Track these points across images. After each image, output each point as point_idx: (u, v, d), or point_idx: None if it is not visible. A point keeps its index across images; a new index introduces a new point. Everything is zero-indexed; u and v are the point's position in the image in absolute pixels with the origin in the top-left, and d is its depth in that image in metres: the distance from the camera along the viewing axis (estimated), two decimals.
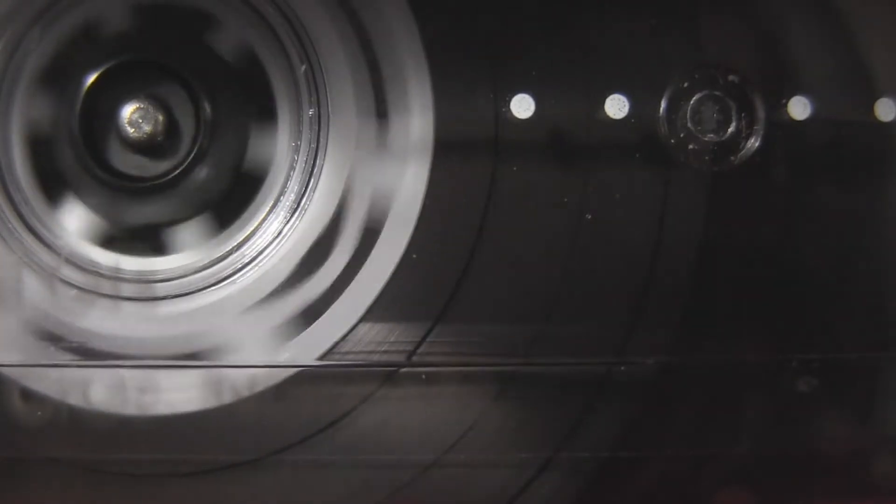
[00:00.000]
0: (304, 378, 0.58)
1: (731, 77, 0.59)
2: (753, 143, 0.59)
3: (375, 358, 0.59)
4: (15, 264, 0.59)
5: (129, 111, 0.60)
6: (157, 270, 0.60)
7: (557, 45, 0.59)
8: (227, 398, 0.58)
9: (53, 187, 0.61)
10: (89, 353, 0.58)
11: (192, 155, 0.60)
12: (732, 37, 0.60)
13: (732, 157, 0.59)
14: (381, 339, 0.59)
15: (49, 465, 0.58)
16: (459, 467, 0.59)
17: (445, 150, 0.59)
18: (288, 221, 0.60)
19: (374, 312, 0.59)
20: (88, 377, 0.58)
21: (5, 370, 0.58)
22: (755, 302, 0.59)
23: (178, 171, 0.60)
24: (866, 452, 0.61)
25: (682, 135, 0.59)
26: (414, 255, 0.59)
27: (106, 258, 0.60)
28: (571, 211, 0.59)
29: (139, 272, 0.60)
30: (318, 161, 0.60)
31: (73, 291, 0.59)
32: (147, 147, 0.60)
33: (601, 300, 0.59)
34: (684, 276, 0.59)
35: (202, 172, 0.61)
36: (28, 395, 0.58)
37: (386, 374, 0.58)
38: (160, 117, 0.60)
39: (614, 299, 0.59)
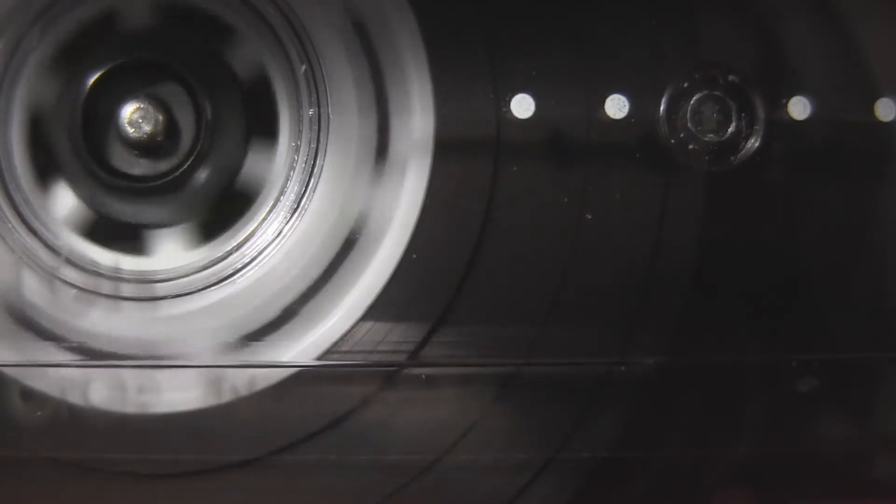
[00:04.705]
0: (304, 378, 0.58)
1: (731, 77, 0.59)
2: (753, 143, 0.59)
3: (375, 358, 0.59)
4: (15, 264, 0.59)
5: (129, 111, 0.60)
6: (157, 270, 0.60)
7: (557, 45, 0.59)
8: (227, 398, 0.58)
9: (54, 187, 0.61)
10: (89, 353, 0.58)
11: (192, 155, 0.60)
12: (732, 37, 0.60)
13: (732, 157, 0.59)
14: (381, 340, 0.59)
15: (49, 465, 0.58)
16: (459, 468, 0.59)
17: (445, 150, 0.59)
18: (288, 221, 0.60)
19: (374, 312, 0.59)
20: (88, 377, 0.58)
21: (5, 370, 0.58)
22: (755, 302, 0.59)
23: (178, 172, 0.60)
24: (866, 452, 0.61)
25: (682, 135, 0.59)
26: (414, 256, 0.59)
27: (106, 258, 0.60)
28: (571, 211, 0.59)
29: (139, 272, 0.60)
30: (318, 161, 0.60)
31: (73, 291, 0.59)
32: (147, 147, 0.60)
33: (601, 300, 0.59)
34: (684, 277, 0.59)
35: (202, 172, 0.61)
36: (28, 394, 0.58)
37: (386, 375, 0.58)
38: (160, 117, 0.60)
39: (614, 299, 0.59)
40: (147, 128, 0.60)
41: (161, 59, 0.60)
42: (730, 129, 0.59)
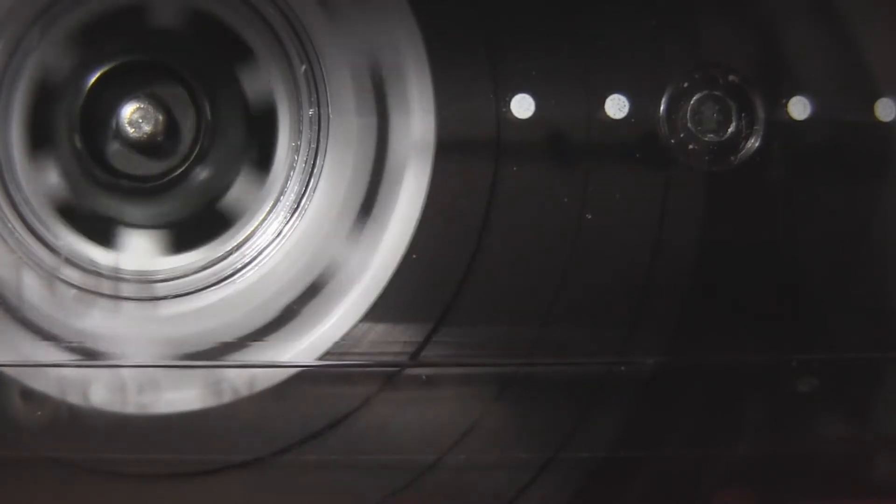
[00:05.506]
0: (305, 378, 0.58)
1: (731, 77, 0.59)
2: (753, 143, 0.59)
3: (376, 358, 0.58)
4: (15, 264, 0.59)
5: (129, 111, 0.60)
6: (157, 270, 0.60)
7: (557, 45, 0.59)
8: (227, 398, 0.58)
9: (54, 187, 0.61)
10: (89, 353, 0.58)
11: (193, 155, 0.60)
12: (732, 37, 0.60)
13: (732, 157, 0.59)
14: (382, 340, 0.59)
15: (49, 465, 0.58)
16: (459, 468, 0.59)
17: (446, 151, 0.59)
18: (288, 221, 0.60)
19: (375, 313, 0.59)
20: (88, 377, 0.58)
21: (5, 370, 0.58)
22: (755, 302, 0.59)
23: (178, 172, 0.60)
24: (866, 452, 0.61)
25: (682, 135, 0.59)
26: (414, 256, 0.59)
27: (106, 258, 0.60)
28: (571, 211, 0.59)
29: (139, 272, 0.60)
30: (318, 161, 0.60)
31: (73, 291, 0.59)
32: (147, 147, 0.60)
33: (601, 300, 0.59)
34: (684, 276, 0.59)
35: (202, 172, 0.61)
36: (28, 394, 0.58)
37: (386, 375, 0.58)
38: (160, 117, 0.60)
39: (614, 299, 0.59)
40: (147, 128, 0.60)
41: (161, 58, 0.60)
42: (730, 129, 0.59)
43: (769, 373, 0.60)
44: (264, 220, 0.60)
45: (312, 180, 0.60)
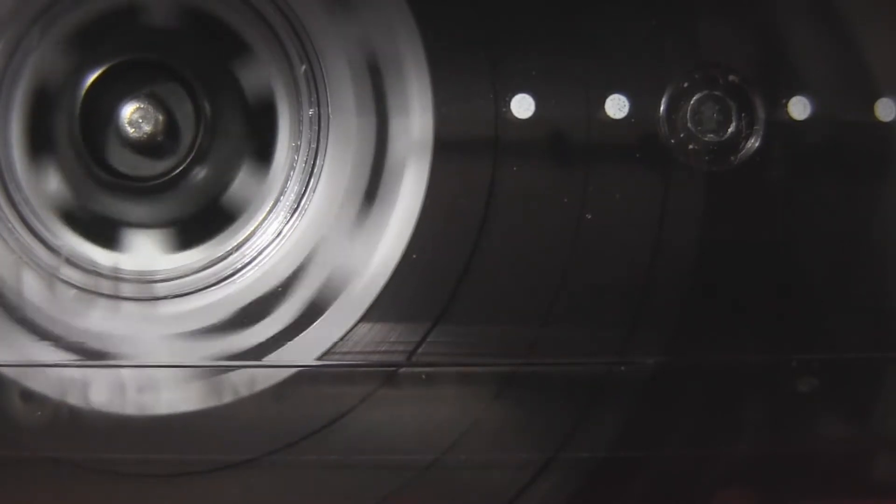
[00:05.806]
0: (304, 378, 0.58)
1: (731, 77, 0.59)
2: (753, 143, 0.59)
3: (375, 358, 0.59)
4: (15, 264, 0.59)
5: (129, 111, 0.60)
6: (157, 270, 0.60)
7: (557, 45, 0.59)
8: (227, 398, 0.58)
9: (53, 187, 0.61)
10: (89, 353, 0.58)
11: (193, 155, 0.60)
12: (732, 37, 0.60)
13: (732, 157, 0.59)
14: (381, 339, 0.59)
15: (49, 465, 0.58)
16: (459, 467, 0.59)
17: (445, 150, 0.59)
18: (288, 221, 0.60)
19: (374, 312, 0.59)
20: (88, 377, 0.58)
21: (5, 370, 0.58)
22: (755, 302, 0.59)
23: (177, 171, 0.60)
24: (866, 452, 0.61)
25: (682, 135, 0.59)
26: (414, 255, 0.59)
27: (105, 258, 0.60)
28: (571, 211, 0.59)
29: (139, 272, 0.60)
30: (318, 161, 0.60)
31: (73, 291, 0.59)
32: (147, 147, 0.60)
33: (601, 300, 0.59)
34: (684, 276, 0.59)
35: (202, 171, 0.61)
36: (28, 394, 0.58)
37: (385, 375, 0.58)
38: (160, 117, 0.60)
39: (614, 299, 0.59)
40: (147, 128, 0.60)
41: (161, 58, 0.60)
42: (730, 129, 0.59)
43: (769, 373, 0.60)
44: (264, 220, 0.60)
45: (312, 180, 0.60)
